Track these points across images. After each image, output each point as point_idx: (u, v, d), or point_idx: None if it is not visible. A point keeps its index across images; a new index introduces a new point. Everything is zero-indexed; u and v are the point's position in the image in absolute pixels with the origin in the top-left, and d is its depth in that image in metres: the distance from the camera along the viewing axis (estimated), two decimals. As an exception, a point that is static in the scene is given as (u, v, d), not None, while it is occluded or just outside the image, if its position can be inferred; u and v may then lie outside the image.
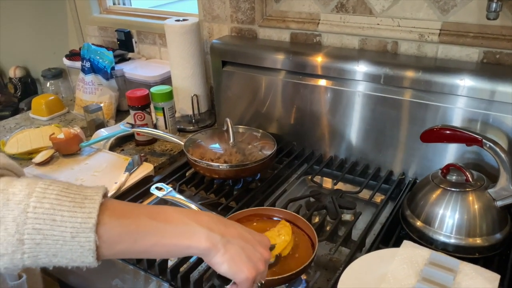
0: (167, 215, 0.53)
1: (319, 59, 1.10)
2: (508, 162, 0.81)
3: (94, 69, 1.41)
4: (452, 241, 0.83)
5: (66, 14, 1.80)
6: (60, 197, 0.47)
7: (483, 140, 0.81)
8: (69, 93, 1.86)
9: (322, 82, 1.12)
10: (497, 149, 0.81)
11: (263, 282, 0.58)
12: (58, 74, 1.85)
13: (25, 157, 1.22)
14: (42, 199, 0.46)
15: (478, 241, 0.82)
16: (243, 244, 0.56)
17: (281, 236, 0.79)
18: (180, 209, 0.56)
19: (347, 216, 1.00)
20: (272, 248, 0.73)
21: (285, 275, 0.73)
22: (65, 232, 0.46)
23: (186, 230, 0.53)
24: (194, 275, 0.80)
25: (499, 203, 0.82)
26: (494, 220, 0.83)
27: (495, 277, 0.73)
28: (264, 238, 0.62)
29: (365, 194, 1.05)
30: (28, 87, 2.08)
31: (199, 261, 0.82)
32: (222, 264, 0.54)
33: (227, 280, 0.57)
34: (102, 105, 1.37)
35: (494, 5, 0.79)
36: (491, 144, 0.81)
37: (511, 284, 0.76)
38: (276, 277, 0.73)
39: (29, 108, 1.56)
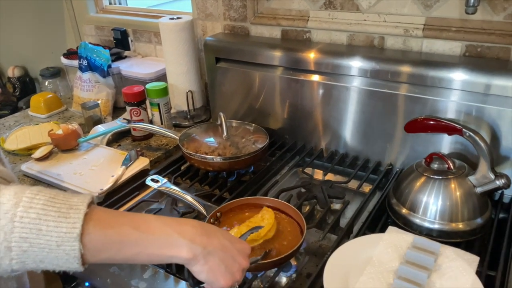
0: (150, 225, 0.56)
1: (311, 55, 1.13)
2: (487, 150, 0.84)
3: (91, 67, 1.45)
4: (436, 226, 0.87)
5: (63, 14, 1.84)
6: (46, 207, 0.49)
7: (463, 129, 0.85)
8: (67, 92, 1.89)
9: (313, 77, 1.15)
10: (477, 138, 0.85)
11: (237, 286, 0.62)
12: (56, 73, 1.88)
13: (25, 153, 1.26)
14: (28, 209, 0.49)
15: (460, 226, 0.86)
16: (223, 255, 0.59)
17: (264, 220, 0.82)
18: (163, 219, 0.58)
19: (336, 206, 1.03)
20: (257, 229, 0.79)
21: (275, 259, 0.76)
22: (50, 241, 0.49)
23: (169, 241, 0.55)
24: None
25: (479, 190, 0.86)
26: (475, 205, 0.86)
27: (474, 259, 0.77)
28: (245, 245, 0.65)
29: (354, 184, 1.09)
30: (27, 86, 2.12)
31: None
32: (201, 273, 0.58)
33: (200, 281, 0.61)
34: (99, 102, 1.40)
35: (472, 0, 0.82)
36: (470, 133, 0.85)
37: (490, 265, 0.79)
38: (267, 261, 0.76)
39: (28, 107, 1.59)
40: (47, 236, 0.49)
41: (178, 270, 0.83)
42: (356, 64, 1.07)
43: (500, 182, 0.83)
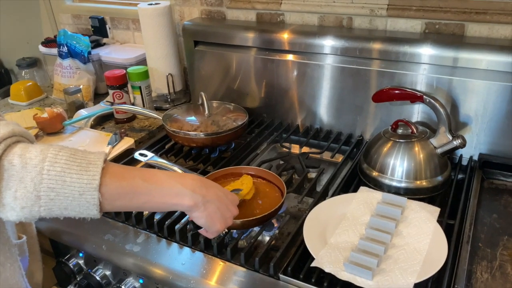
0: (157, 177, 0.64)
1: (285, 36, 1.21)
2: (444, 114, 0.94)
3: (71, 53, 1.48)
4: (403, 185, 0.96)
5: (38, 3, 1.85)
6: (68, 162, 0.57)
7: (424, 96, 0.95)
8: (45, 81, 1.90)
9: (288, 57, 1.23)
10: (436, 104, 0.94)
11: (227, 230, 0.73)
12: (33, 63, 1.89)
13: (10, 138, 1.29)
14: (54, 164, 0.56)
15: (424, 183, 0.96)
16: (219, 204, 0.69)
17: (243, 184, 0.90)
18: (169, 173, 0.67)
19: (312, 174, 1.11)
20: (238, 191, 0.88)
21: (258, 217, 0.84)
22: (74, 190, 0.56)
23: (173, 191, 0.64)
24: (178, 226, 0.90)
25: (439, 150, 0.96)
26: (436, 165, 0.96)
27: (436, 210, 0.87)
28: (234, 197, 0.76)
29: (328, 155, 1.18)
30: (2, 77, 2.11)
31: (182, 215, 0.92)
32: (200, 218, 0.68)
33: (199, 226, 0.71)
34: (81, 87, 1.44)
35: (428, -21, 0.91)
36: (430, 99, 0.95)
37: (450, 215, 0.89)
38: (251, 219, 0.84)
39: (4, 97, 1.61)
40: (71, 187, 0.56)
41: (169, 234, 0.90)
42: (327, 43, 1.15)
43: (457, 142, 0.93)
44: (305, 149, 1.23)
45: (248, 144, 1.22)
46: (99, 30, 1.64)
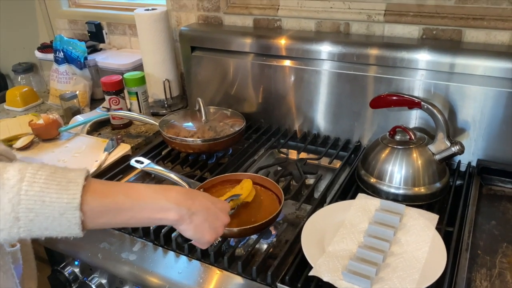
0: (140, 192, 0.62)
1: (282, 42, 1.20)
2: (442, 121, 0.94)
3: (67, 59, 1.47)
4: (401, 191, 0.96)
5: (34, 8, 1.84)
6: (48, 181, 0.55)
7: (422, 102, 0.94)
8: (41, 86, 1.89)
9: (285, 63, 1.22)
10: (434, 110, 0.94)
11: (220, 239, 0.70)
12: (29, 68, 1.88)
13: (5, 144, 1.27)
14: (32, 183, 0.54)
15: (422, 190, 0.95)
16: (206, 214, 0.66)
17: (243, 188, 0.90)
18: (152, 187, 0.65)
19: (310, 181, 1.11)
20: (237, 196, 0.87)
21: (255, 225, 0.83)
22: (54, 210, 0.55)
23: (158, 206, 0.62)
24: (175, 234, 0.89)
25: (437, 157, 0.95)
26: (434, 171, 0.96)
27: (434, 217, 0.86)
28: (224, 204, 0.73)
29: (326, 161, 1.17)
30: (-2, 82, 2.10)
31: None
32: (187, 231, 0.66)
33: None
34: (77, 92, 1.43)
35: (426, -15, 0.91)
36: (428, 106, 0.94)
37: (448, 222, 0.88)
38: (248, 227, 0.83)
39: (0, 103, 1.60)
40: (51, 207, 0.55)
41: (166, 242, 0.89)
42: (324, 48, 1.15)
43: (455, 149, 0.93)
44: (303, 155, 1.22)
45: (245, 150, 1.22)
46: (95, 35, 1.64)
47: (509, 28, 1.01)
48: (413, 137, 0.98)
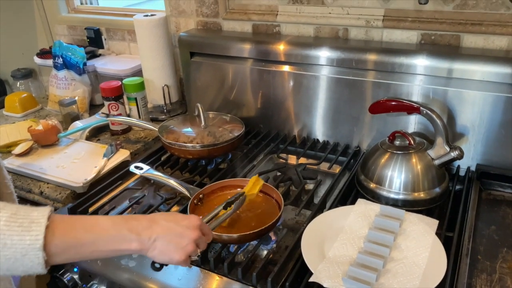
0: (101, 226, 0.63)
1: (281, 47, 1.21)
2: (441, 126, 0.94)
3: (66, 65, 1.47)
4: (401, 197, 0.96)
5: (34, 14, 1.84)
6: (8, 223, 0.55)
7: (421, 107, 0.94)
8: (40, 92, 1.90)
9: (284, 68, 1.23)
10: (433, 115, 0.94)
11: (199, 254, 0.69)
12: (28, 74, 1.88)
13: (4, 150, 1.28)
14: None
15: (422, 195, 0.95)
16: (169, 236, 0.65)
17: (248, 186, 0.89)
18: (113, 218, 0.65)
19: (310, 186, 1.11)
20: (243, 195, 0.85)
21: (255, 231, 0.83)
22: (16, 252, 0.55)
23: (119, 237, 0.62)
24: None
25: (437, 162, 0.96)
26: (433, 176, 0.96)
27: (434, 222, 0.86)
28: (192, 219, 0.69)
29: (325, 166, 1.17)
30: (-3, 88, 2.10)
31: None
32: (154, 257, 0.65)
33: None
34: (76, 98, 1.43)
35: (424, -9, 0.92)
36: (427, 111, 0.94)
37: (448, 228, 0.88)
38: (248, 233, 0.83)
39: (0, 108, 1.60)
40: (12, 249, 0.55)
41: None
42: (323, 54, 1.15)
43: (454, 154, 0.93)
44: (302, 160, 1.22)
45: (245, 155, 1.22)
46: (94, 41, 1.64)
47: (507, 33, 1.01)
48: (412, 142, 0.98)
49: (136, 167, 1.03)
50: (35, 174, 1.13)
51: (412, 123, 1.11)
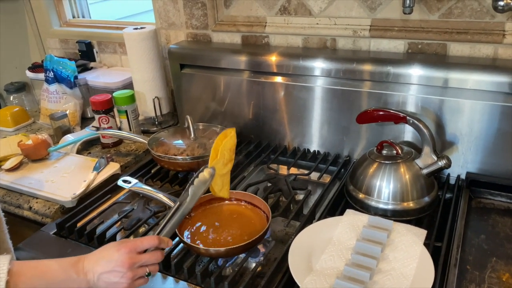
0: (52, 272, 0.70)
1: (271, 58, 1.21)
2: (428, 135, 0.94)
3: (57, 79, 1.48)
4: (390, 207, 0.95)
5: (26, 28, 1.85)
6: None
7: (407, 117, 0.94)
8: (33, 106, 1.90)
9: (274, 79, 1.23)
10: (419, 125, 0.94)
11: (148, 272, 0.74)
12: (21, 87, 1.88)
13: (-5, 166, 1.27)
14: None
15: (411, 204, 0.95)
16: (108, 273, 0.71)
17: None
18: (62, 262, 0.72)
19: (300, 196, 1.10)
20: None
21: (242, 244, 0.82)
22: None
23: (70, 280, 0.71)
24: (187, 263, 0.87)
25: (425, 171, 0.95)
26: (422, 186, 0.95)
27: (422, 232, 0.86)
28: (122, 250, 0.73)
29: (316, 176, 1.17)
30: (-10, 102, 2.10)
31: (187, 252, 0.90)
32: None
33: None
34: (67, 112, 1.43)
35: (408, 1, 0.92)
36: (414, 120, 0.94)
37: (437, 237, 0.88)
38: (235, 246, 0.82)
39: (-7, 122, 1.60)
40: None
41: (177, 271, 0.88)
42: (313, 65, 1.15)
43: (442, 163, 0.93)
44: (293, 170, 1.22)
45: (235, 166, 1.21)
46: (86, 54, 1.65)
47: (493, 42, 1.01)
48: (399, 151, 0.97)
49: (124, 181, 1.03)
50: (24, 189, 1.13)
51: (403, 132, 1.11)
